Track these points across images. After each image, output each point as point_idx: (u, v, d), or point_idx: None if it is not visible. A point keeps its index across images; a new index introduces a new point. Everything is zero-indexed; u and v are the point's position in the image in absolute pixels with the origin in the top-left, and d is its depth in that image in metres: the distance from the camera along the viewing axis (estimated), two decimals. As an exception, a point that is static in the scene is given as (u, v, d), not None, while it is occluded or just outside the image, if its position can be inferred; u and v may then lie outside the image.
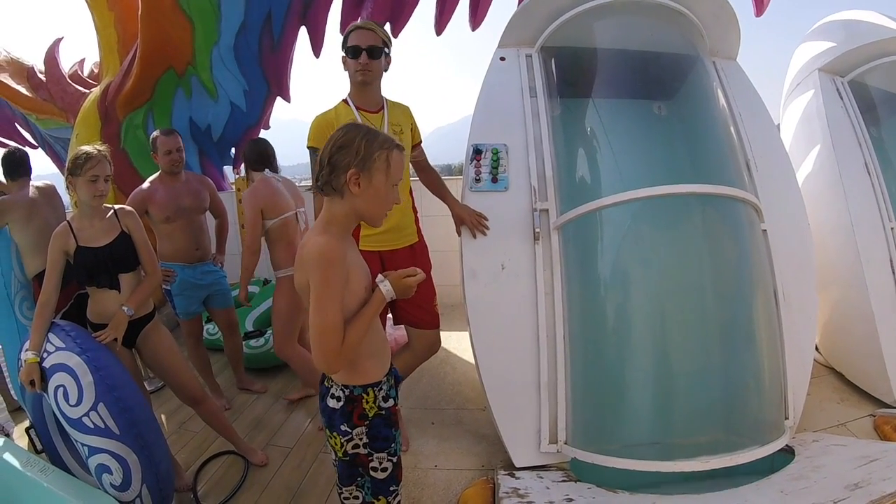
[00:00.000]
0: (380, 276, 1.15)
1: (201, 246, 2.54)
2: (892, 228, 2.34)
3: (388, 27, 3.26)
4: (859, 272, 2.24)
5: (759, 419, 1.82)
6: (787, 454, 1.79)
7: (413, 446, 2.09)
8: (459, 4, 3.21)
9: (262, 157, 2.45)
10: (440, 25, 3.29)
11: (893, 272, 2.29)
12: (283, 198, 2.36)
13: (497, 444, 1.92)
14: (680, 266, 1.82)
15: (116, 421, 1.51)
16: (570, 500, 1.58)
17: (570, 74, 2.04)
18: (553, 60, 2.04)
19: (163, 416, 2.45)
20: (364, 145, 1.07)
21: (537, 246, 1.81)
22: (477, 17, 3.22)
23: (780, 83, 2.93)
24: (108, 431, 1.50)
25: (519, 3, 2.30)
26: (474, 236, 1.85)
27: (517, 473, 1.77)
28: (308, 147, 1.76)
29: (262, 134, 3.71)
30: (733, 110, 2.05)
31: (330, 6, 3.34)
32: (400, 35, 3.29)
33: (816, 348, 2.65)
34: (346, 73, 1.81)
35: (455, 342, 2.66)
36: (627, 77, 1.99)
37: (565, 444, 1.78)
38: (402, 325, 2.03)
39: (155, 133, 2.39)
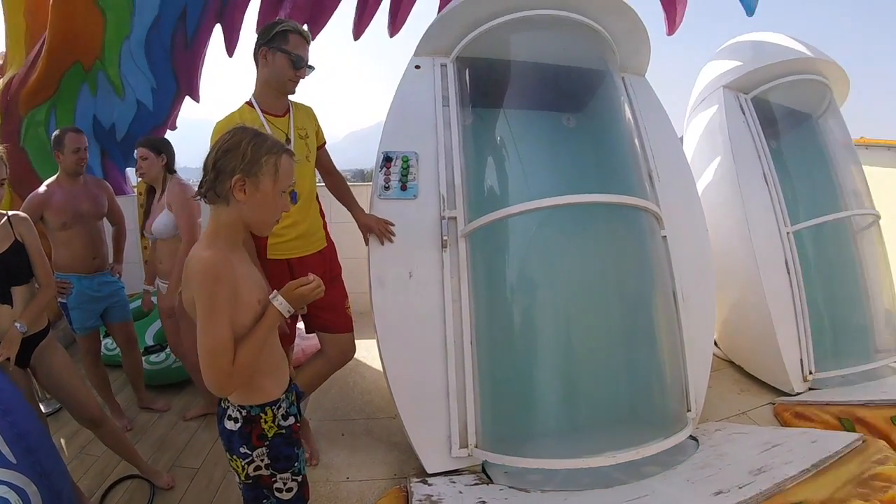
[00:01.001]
0: (273, 293, 1.14)
1: (99, 255, 2.42)
2: (788, 233, 2.59)
3: (306, 28, 3.22)
4: (756, 274, 2.47)
5: (662, 413, 1.96)
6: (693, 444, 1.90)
7: (324, 459, 2.08)
8: (379, 10, 3.23)
9: (173, 159, 2.36)
10: (358, 30, 3.32)
11: (789, 273, 2.54)
12: None
13: (409, 452, 1.95)
14: (584, 271, 1.94)
15: (11, 448, 1.40)
16: (483, 502, 1.63)
17: (483, 85, 2.12)
18: (467, 70, 2.11)
19: (62, 441, 2.31)
20: (251, 149, 1.04)
21: (445, 254, 1.87)
22: (396, 23, 3.27)
23: (687, 97, 3.16)
24: (3, 460, 1.39)
25: (439, 11, 2.35)
26: (382, 243, 1.87)
27: (430, 480, 1.81)
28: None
29: (168, 134, 3.57)
30: (639, 124, 2.20)
31: (248, 5, 3.28)
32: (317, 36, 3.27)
33: (716, 344, 2.89)
34: (266, 70, 1.76)
35: (364, 350, 2.63)
36: (539, 89, 2.10)
37: (476, 447, 1.84)
38: (314, 335, 2.01)
39: (60, 130, 2.26)
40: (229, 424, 1.15)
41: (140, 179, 2.33)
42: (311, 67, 1.80)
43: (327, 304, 1.82)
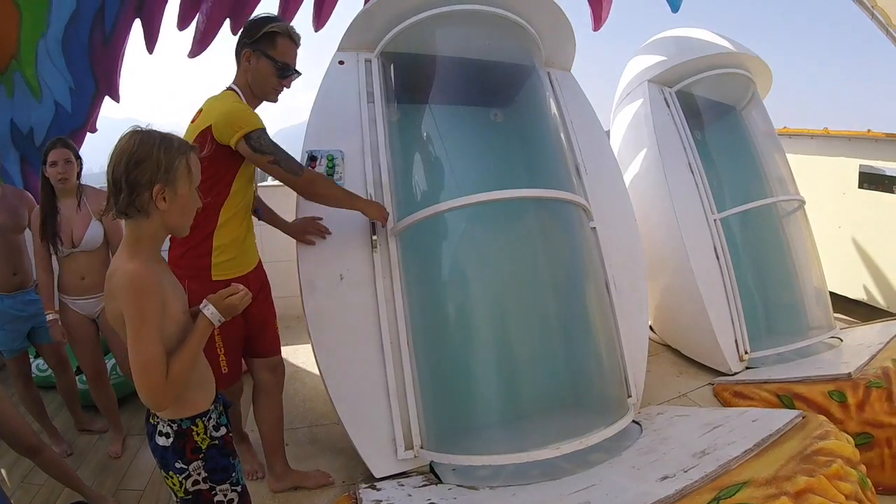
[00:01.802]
0: (203, 302, 1.12)
1: (20, 271, 2.28)
2: (715, 220, 2.73)
3: (227, 23, 3.16)
4: (686, 260, 2.59)
5: (603, 400, 2.01)
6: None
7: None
8: (303, 4, 3.19)
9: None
10: None
11: (718, 258, 2.68)
12: None
13: (356, 458, 1.93)
14: (516, 265, 1.98)
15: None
16: (433, 503, 1.63)
17: (409, 80, 2.14)
18: (392, 66, 2.12)
19: (2, 471, 2.18)
20: (164, 155, 1.02)
21: (375, 254, 1.87)
22: (321, 18, 3.25)
23: (612, 92, 3.29)
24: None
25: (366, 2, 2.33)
26: (314, 243, 1.85)
27: (378, 485, 1.80)
28: (259, 129, 1.55)
29: (89, 137, 3.41)
30: (565, 118, 2.27)
31: (167, -1, 3.16)
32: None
33: (652, 329, 3.02)
34: (248, 74, 1.64)
35: (303, 356, 2.59)
36: (466, 84, 2.13)
37: (421, 448, 1.84)
38: None
39: None
40: (161, 441, 1.14)
41: (61, 185, 2.16)
42: (298, 73, 1.69)
43: (261, 323, 1.77)
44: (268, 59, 1.61)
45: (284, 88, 1.70)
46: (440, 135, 2.02)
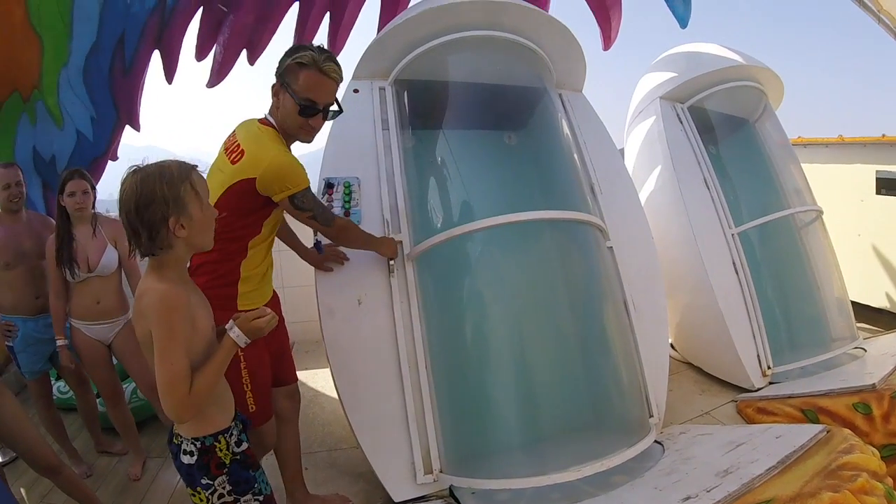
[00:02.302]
0: (229, 323, 1.16)
1: (42, 294, 2.34)
2: (732, 235, 2.71)
3: (244, 55, 3.24)
4: (704, 276, 2.57)
5: (624, 420, 1.99)
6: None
7: (288, 495, 2.04)
8: (318, 34, 3.27)
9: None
10: None
11: (737, 273, 2.66)
12: None
13: (375, 482, 1.93)
14: (533, 287, 1.98)
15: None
16: (451, 528, 1.62)
17: (423, 106, 2.17)
18: (406, 93, 2.16)
19: (22, 490, 2.21)
20: (168, 189, 1.05)
21: (392, 278, 1.88)
22: (336, 46, 3.32)
23: (625, 109, 3.31)
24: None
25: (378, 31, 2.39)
26: (331, 269, 1.87)
27: None
28: (305, 188, 1.49)
29: (110, 165, 3.51)
30: (578, 138, 2.28)
31: (186, 30, 3.26)
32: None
33: (673, 347, 2.99)
34: (279, 111, 1.51)
35: (322, 380, 2.56)
36: (478, 109, 2.16)
37: (441, 472, 1.84)
38: None
39: None
40: (186, 459, 1.18)
41: (78, 214, 2.24)
42: (335, 112, 1.53)
43: (280, 351, 1.77)
44: (290, 94, 1.46)
45: (315, 128, 1.53)
46: (454, 159, 2.04)
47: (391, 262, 1.87)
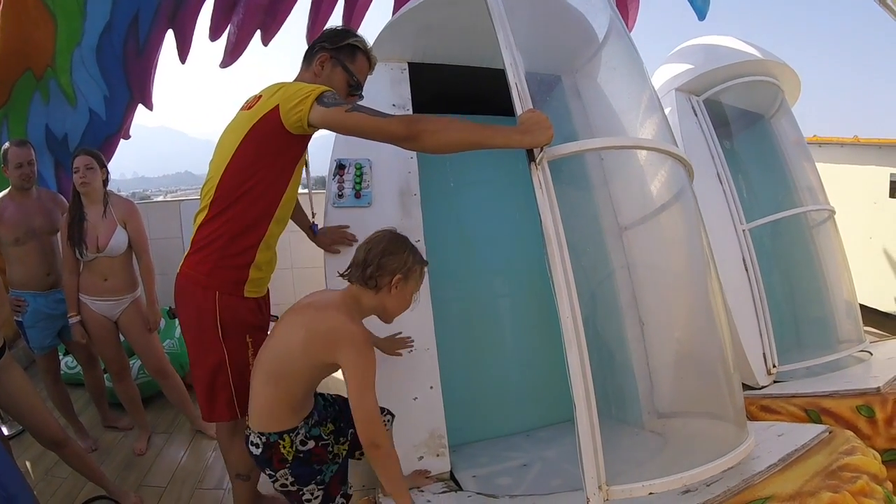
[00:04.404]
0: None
1: (53, 271, 2.39)
2: (743, 231, 2.69)
3: (258, 35, 3.23)
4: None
5: (629, 411, 1.99)
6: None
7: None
8: (332, 16, 3.26)
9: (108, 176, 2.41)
10: (312, 35, 3.32)
11: (746, 270, 2.63)
12: None
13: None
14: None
15: (-26, 474, 1.37)
16: (452, 510, 1.64)
17: (438, 89, 2.15)
18: (420, 76, 2.13)
19: (27, 463, 2.27)
20: (410, 258, 1.31)
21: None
22: (351, 26, 3.28)
23: None
24: (-34, 486, 1.35)
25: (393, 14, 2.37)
26: (339, 252, 1.87)
27: None
28: (331, 91, 1.41)
29: (122, 144, 3.52)
30: (591, 125, 2.24)
31: (200, 10, 3.26)
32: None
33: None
34: (318, 79, 1.54)
35: None
36: (492, 93, 2.11)
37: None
38: None
39: (6, 144, 2.26)
40: (252, 449, 1.31)
41: (83, 189, 2.24)
42: (362, 96, 1.67)
43: None
44: (345, 70, 1.59)
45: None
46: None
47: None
